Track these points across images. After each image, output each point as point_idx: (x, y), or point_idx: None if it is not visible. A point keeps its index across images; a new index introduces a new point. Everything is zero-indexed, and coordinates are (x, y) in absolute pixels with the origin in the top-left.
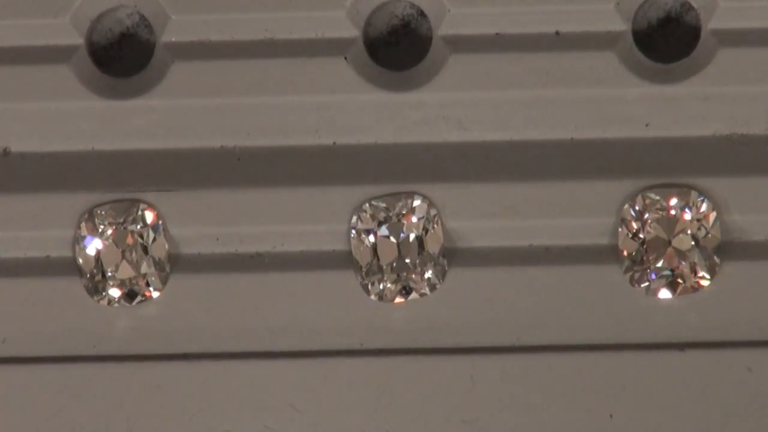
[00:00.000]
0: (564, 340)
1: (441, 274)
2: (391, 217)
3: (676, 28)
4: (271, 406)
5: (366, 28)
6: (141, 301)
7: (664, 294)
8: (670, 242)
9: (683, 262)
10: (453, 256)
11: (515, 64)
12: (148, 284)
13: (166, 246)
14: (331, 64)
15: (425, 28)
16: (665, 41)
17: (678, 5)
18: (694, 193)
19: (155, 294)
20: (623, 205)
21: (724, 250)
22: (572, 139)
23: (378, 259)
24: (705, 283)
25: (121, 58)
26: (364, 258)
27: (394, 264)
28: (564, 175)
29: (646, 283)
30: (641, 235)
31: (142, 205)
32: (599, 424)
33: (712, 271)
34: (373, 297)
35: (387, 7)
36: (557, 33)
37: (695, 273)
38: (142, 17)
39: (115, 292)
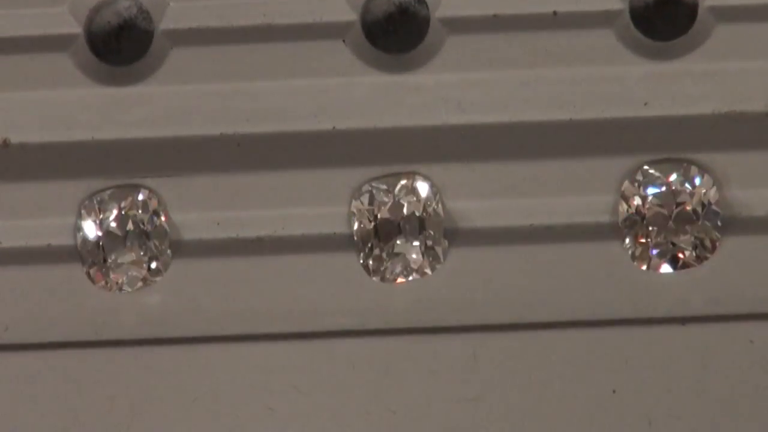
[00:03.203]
0: (566, 317)
1: (442, 254)
2: (391, 198)
3: (673, 6)
4: (274, 388)
5: (364, 10)
6: (143, 287)
7: (666, 269)
8: (670, 217)
9: (684, 237)
10: (454, 236)
11: (513, 44)
12: (149, 270)
13: (168, 231)
14: (329, 48)
15: (422, 10)
16: (662, 19)
17: None
18: (693, 168)
19: (157, 279)
20: (623, 182)
21: (724, 224)
22: (571, 118)
23: (379, 240)
24: (706, 257)
25: (120, 45)
26: (365, 239)
27: (396, 244)
28: (564, 154)
29: (648, 259)
30: (642, 211)
31: (142, 191)
32: (602, 399)
33: (712, 245)
34: (374, 278)
35: None
36: (555, 13)
37: (696, 248)
38: (141, 5)
39: (117, 279)
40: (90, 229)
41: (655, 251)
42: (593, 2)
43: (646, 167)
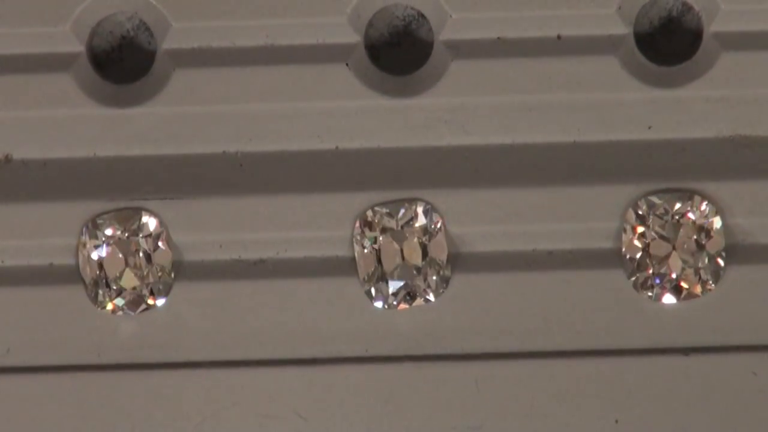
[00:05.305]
0: (568, 346)
1: (445, 280)
2: (394, 223)
3: (678, 31)
4: (276, 414)
5: (367, 33)
6: (145, 309)
7: (669, 299)
8: (674, 247)
9: (687, 267)
10: (457, 261)
11: (517, 68)
12: (151, 292)
13: (170, 253)
14: (332, 70)
15: (426, 33)
16: (667, 44)
17: (679, 8)
18: (697, 198)
19: (159, 302)
20: (627, 210)
21: (728, 254)
22: (575, 142)
23: (382, 266)
24: (709, 287)
25: (122, 65)
26: (367, 264)
27: (398, 270)
28: (567, 179)
29: (651, 288)
30: (645, 240)
31: (144, 213)
32: (605, 429)
33: (716, 275)
34: (377, 304)
35: (388, 12)
36: (559, 37)
37: (699, 277)
38: (143, 24)
39: (118, 301)
40: (92, 251)
41: (658, 280)
42: (597, 27)
43: (649, 196)
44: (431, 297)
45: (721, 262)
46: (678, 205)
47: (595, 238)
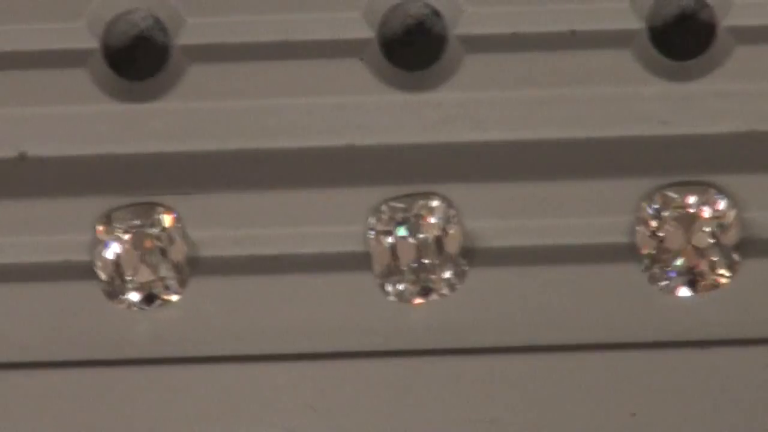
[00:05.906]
0: (584, 339)
1: (460, 275)
2: (409, 218)
3: (692, 26)
4: (290, 408)
5: (381, 28)
6: (160, 305)
7: (684, 292)
8: (689, 240)
9: (702, 260)
10: (472, 256)
11: (531, 63)
12: (167, 287)
13: (185, 249)
14: (347, 66)
15: (440, 27)
16: (681, 39)
17: (692, 2)
18: (712, 191)
19: (174, 297)
20: (641, 204)
21: (743, 247)
22: (589, 137)
23: (397, 260)
24: (724, 280)
25: (137, 61)
26: (382, 259)
27: (413, 265)
28: (581, 173)
29: (666, 282)
30: (660, 234)
31: (160, 209)
32: (621, 422)
33: (731, 268)
34: (392, 298)
35: (402, 7)
36: (573, 32)
37: (714, 270)
38: (157, 20)
39: (134, 296)
40: (108, 247)
41: (673, 274)
42: (611, 21)
43: (664, 189)
44: (446, 291)
45: (736, 255)
46: (693, 199)
47: (610, 233)
